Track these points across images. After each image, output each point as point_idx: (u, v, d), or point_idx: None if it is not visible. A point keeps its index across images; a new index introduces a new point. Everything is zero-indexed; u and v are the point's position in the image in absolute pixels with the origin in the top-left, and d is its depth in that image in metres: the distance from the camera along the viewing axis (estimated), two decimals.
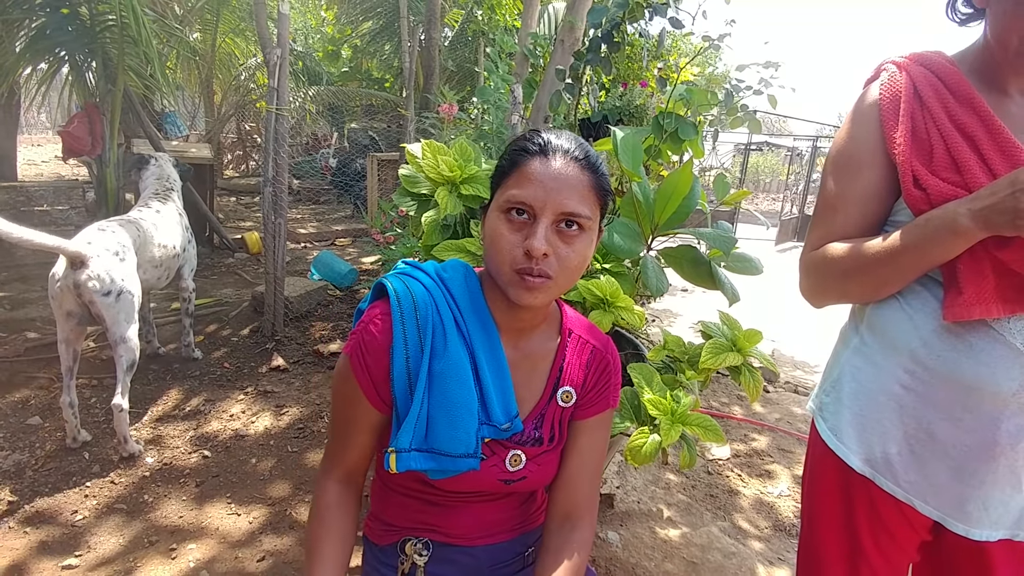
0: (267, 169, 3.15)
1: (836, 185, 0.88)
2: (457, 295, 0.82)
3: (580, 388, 0.88)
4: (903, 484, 0.85)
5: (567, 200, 0.73)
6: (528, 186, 0.73)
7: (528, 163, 0.75)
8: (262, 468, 2.21)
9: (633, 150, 1.60)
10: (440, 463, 0.79)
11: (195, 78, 8.09)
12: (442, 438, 0.78)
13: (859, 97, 0.90)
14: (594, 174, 0.76)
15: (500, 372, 0.82)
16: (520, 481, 0.85)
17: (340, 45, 10.49)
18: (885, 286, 0.84)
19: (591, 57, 1.70)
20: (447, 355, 0.79)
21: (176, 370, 2.92)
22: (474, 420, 0.79)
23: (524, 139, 0.78)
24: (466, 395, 0.79)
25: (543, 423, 0.87)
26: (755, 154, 13.57)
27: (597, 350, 0.89)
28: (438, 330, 0.79)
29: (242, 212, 7.42)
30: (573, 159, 0.75)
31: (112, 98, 4.30)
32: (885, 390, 0.86)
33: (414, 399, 0.78)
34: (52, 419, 2.40)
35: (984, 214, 0.70)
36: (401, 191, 1.79)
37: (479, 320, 0.82)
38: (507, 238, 0.74)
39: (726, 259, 1.54)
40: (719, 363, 1.30)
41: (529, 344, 0.86)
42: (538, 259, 0.72)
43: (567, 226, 0.74)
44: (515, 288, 0.74)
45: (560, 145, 0.76)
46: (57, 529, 1.81)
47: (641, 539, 1.97)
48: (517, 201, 0.73)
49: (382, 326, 0.79)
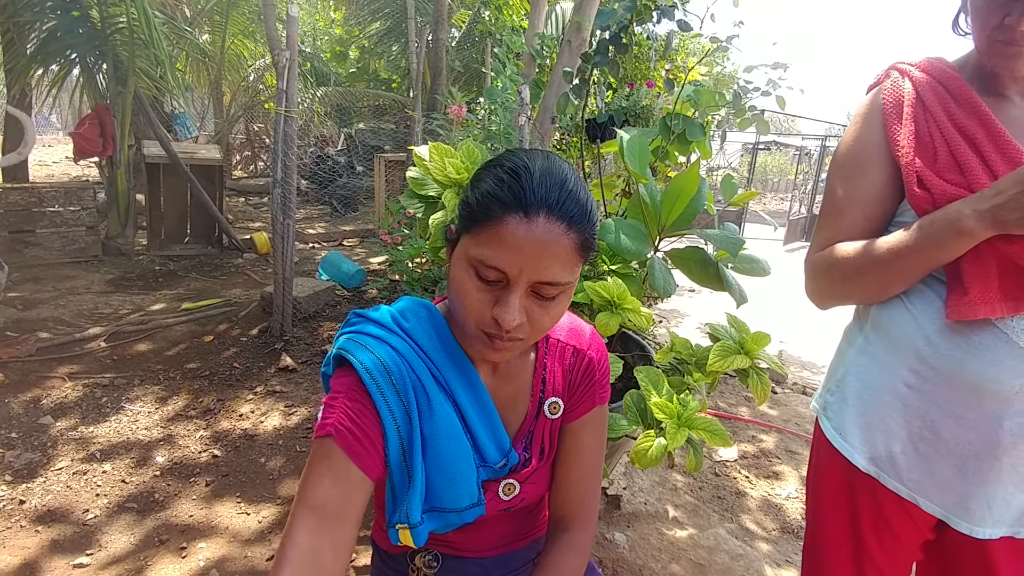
0: (276, 171, 3.17)
1: (841, 187, 0.89)
2: (426, 346, 0.75)
3: (565, 394, 0.84)
4: (907, 482, 0.85)
5: (547, 269, 0.63)
6: (502, 250, 0.63)
7: (504, 221, 0.63)
8: (271, 467, 2.22)
9: (640, 151, 1.59)
10: (446, 519, 0.76)
11: (204, 79, 8.16)
12: (444, 497, 0.75)
13: (863, 102, 0.91)
14: (580, 233, 0.65)
15: (486, 411, 0.78)
16: (519, 503, 0.84)
17: (348, 46, 10.53)
18: (890, 287, 0.85)
19: (599, 59, 1.70)
20: (433, 415, 0.73)
21: (187, 370, 2.94)
22: (472, 470, 0.76)
23: (498, 179, 0.65)
24: (460, 449, 0.74)
25: (532, 442, 0.84)
26: (763, 153, 13.49)
27: (578, 350, 0.84)
28: (419, 392, 0.73)
29: (251, 213, 7.46)
30: (559, 216, 0.63)
31: (123, 100, 4.35)
32: (890, 389, 0.86)
33: (413, 469, 0.72)
34: (64, 418, 2.43)
35: (993, 213, 0.71)
36: (409, 193, 1.80)
37: (454, 365, 0.76)
38: (475, 297, 0.66)
39: (733, 260, 1.54)
40: (727, 366, 1.30)
41: (508, 365, 0.81)
42: (508, 330, 0.65)
43: (544, 293, 0.66)
44: (481, 346, 0.69)
45: (544, 197, 0.63)
46: (68, 528, 1.83)
47: (648, 540, 1.96)
48: (489, 265, 0.63)
49: (362, 400, 0.70)
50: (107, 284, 4.20)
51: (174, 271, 4.64)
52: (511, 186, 0.64)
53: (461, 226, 0.69)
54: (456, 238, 0.70)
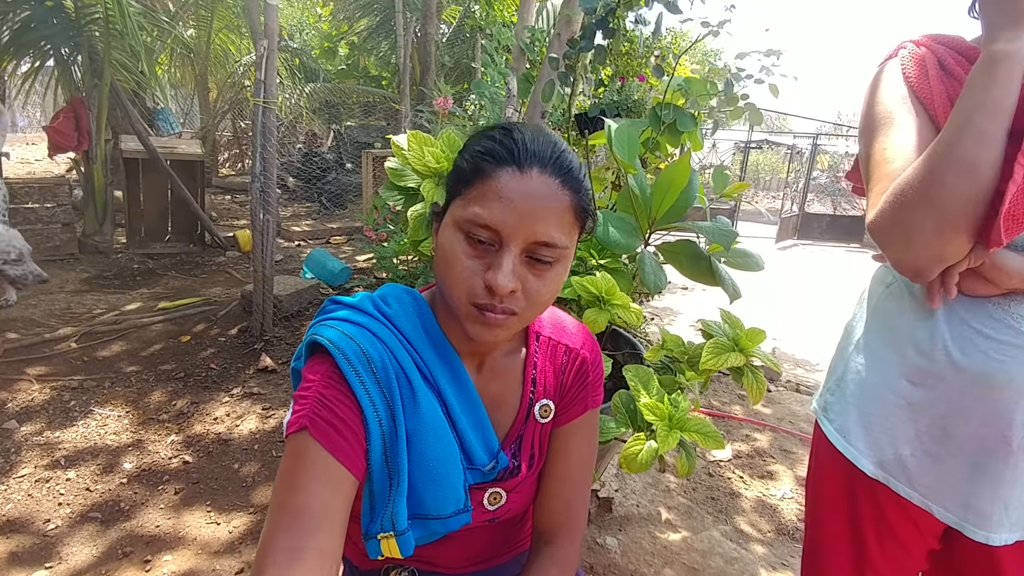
0: (255, 164, 3.07)
1: (881, 141, 0.80)
2: (409, 334, 0.69)
3: (556, 396, 0.77)
4: (919, 488, 0.80)
5: (542, 227, 0.60)
6: (495, 206, 0.59)
7: (495, 174, 0.60)
8: (245, 473, 2.13)
9: (629, 142, 1.52)
10: (428, 528, 0.68)
11: (190, 75, 8.02)
12: (428, 502, 0.67)
13: (879, 71, 0.85)
14: (575, 192, 0.62)
15: (474, 408, 0.71)
16: (504, 513, 0.77)
17: (337, 42, 10.42)
18: (977, 167, 0.70)
19: (584, 44, 1.62)
20: (418, 410, 0.66)
21: (161, 371, 2.84)
22: (459, 472, 0.69)
23: (490, 137, 0.63)
24: (447, 448, 0.67)
25: (521, 447, 0.76)
26: (755, 152, 13.50)
27: (571, 349, 0.78)
28: (402, 383, 0.66)
29: (236, 210, 7.33)
30: (552, 172, 0.61)
31: (99, 92, 4.22)
32: (892, 387, 0.82)
33: (398, 468, 0.65)
34: (29, 423, 2.32)
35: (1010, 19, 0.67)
36: (388, 184, 1.72)
37: (440, 357, 0.69)
38: (465, 264, 0.61)
39: (727, 254, 1.47)
40: (721, 364, 1.22)
41: (494, 361, 0.75)
42: (502, 296, 0.60)
43: (539, 257, 0.61)
44: (472, 323, 0.63)
45: (536, 152, 0.60)
46: (28, 538, 1.73)
47: (640, 544, 1.90)
48: (481, 224, 0.59)
49: (339, 387, 0.63)
50: (82, 283, 4.07)
51: (153, 269, 4.52)
52: (503, 142, 0.62)
53: (450, 193, 0.66)
54: (443, 210, 0.67)
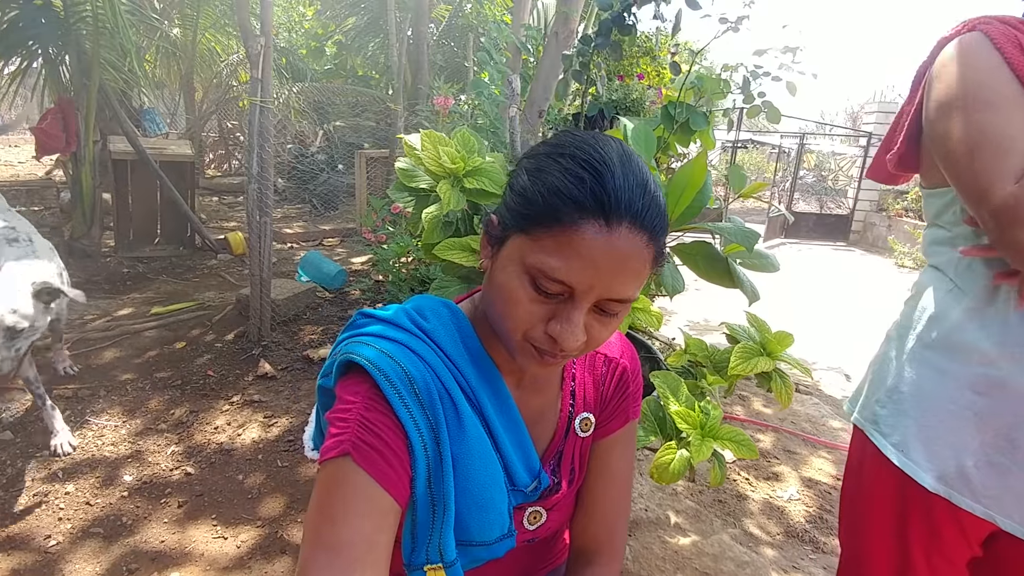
0: (251, 165, 3.00)
1: (990, 116, 0.72)
2: (450, 351, 0.64)
3: (597, 409, 0.74)
4: (983, 499, 0.78)
5: (620, 285, 0.54)
6: (574, 264, 0.52)
7: (578, 227, 0.52)
8: (250, 484, 2.07)
9: (646, 142, 1.50)
10: (472, 555, 0.65)
11: (176, 75, 7.89)
12: (473, 529, 0.64)
13: (958, 43, 0.78)
14: (658, 243, 0.56)
15: (516, 427, 0.68)
16: (544, 532, 0.74)
17: (324, 42, 10.30)
18: None
19: (600, 41, 1.60)
20: (464, 434, 0.62)
21: (157, 379, 2.77)
22: (504, 496, 0.66)
23: (574, 175, 0.53)
24: (492, 472, 0.64)
25: (561, 463, 0.73)
26: (740, 152, 13.59)
27: (610, 359, 0.76)
28: (446, 404, 0.62)
29: (225, 212, 7.21)
30: (642, 227, 0.53)
31: (87, 93, 4.12)
32: (953, 398, 0.79)
33: (444, 495, 0.61)
34: (23, 434, 2.25)
35: None
36: (398, 185, 1.68)
37: (482, 375, 0.65)
38: (527, 308, 0.56)
39: (747, 255, 1.45)
40: (750, 369, 1.21)
41: (533, 377, 0.72)
42: (568, 353, 0.56)
43: (608, 310, 0.56)
44: (525, 357, 0.59)
45: (629, 204, 0.52)
46: (28, 556, 1.67)
47: (651, 550, 1.89)
48: (554, 278, 0.53)
49: (382, 410, 0.59)
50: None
51: (143, 273, 4.42)
52: (592, 187, 0.52)
53: (513, 222, 0.57)
54: (503, 235, 0.59)
